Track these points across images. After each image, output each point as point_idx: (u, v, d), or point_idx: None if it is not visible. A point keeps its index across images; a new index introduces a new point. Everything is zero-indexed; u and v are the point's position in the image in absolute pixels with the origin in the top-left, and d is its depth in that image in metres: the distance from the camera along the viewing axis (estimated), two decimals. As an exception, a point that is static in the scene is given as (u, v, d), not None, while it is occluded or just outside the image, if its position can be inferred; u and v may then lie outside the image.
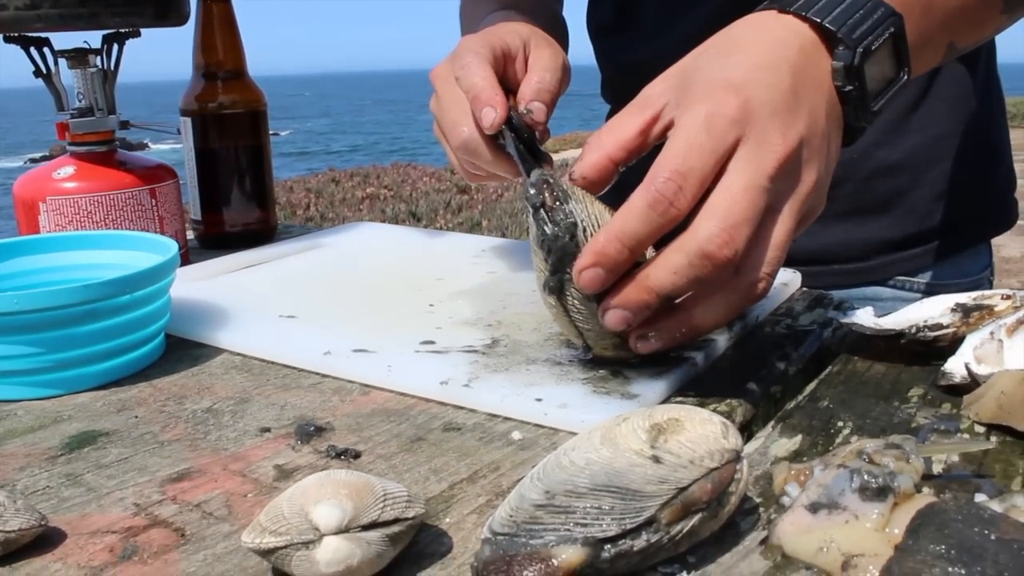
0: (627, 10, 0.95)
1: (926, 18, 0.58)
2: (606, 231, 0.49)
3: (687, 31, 0.56)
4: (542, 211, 0.52)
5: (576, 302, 0.52)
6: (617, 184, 0.55)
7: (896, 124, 0.85)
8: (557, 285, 0.52)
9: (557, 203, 0.52)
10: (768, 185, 0.48)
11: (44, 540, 0.41)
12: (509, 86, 0.67)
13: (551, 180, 0.53)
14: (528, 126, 0.64)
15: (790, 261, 0.56)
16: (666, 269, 0.48)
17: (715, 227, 0.47)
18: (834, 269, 0.88)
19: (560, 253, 0.51)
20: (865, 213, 0.87)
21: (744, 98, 0.49)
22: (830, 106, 0.53)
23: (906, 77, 0.56)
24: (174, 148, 1.10)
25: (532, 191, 0.52)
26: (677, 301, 0.52)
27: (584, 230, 0.51)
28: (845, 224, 0.87)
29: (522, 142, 0.63)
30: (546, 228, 0.51)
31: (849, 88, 0.53)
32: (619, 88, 1.00)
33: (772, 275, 0.51)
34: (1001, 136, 0.93)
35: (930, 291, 0.87)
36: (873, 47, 0.53)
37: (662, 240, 0.50)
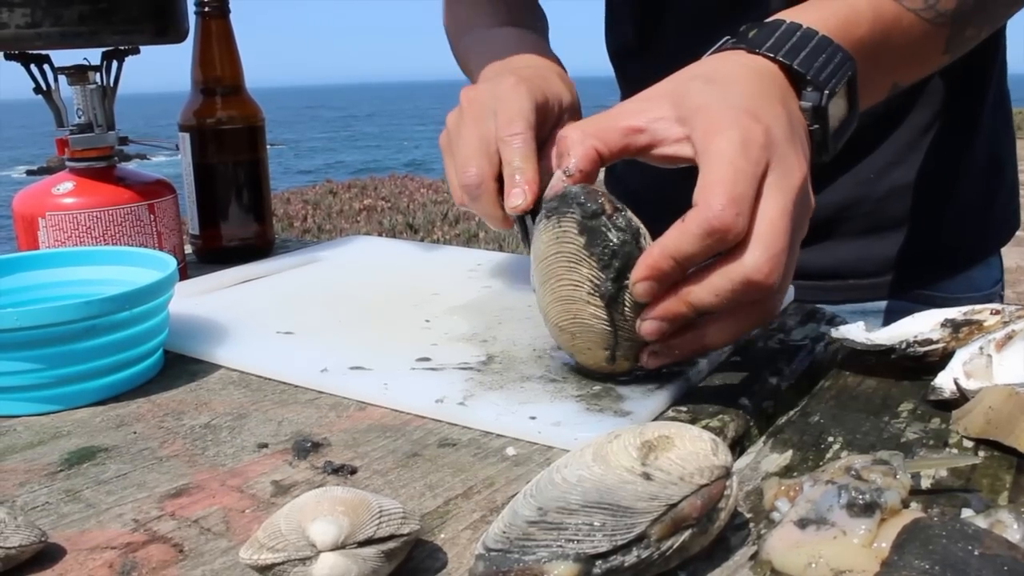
0: (647, 33, 0.95)
1: (875, 65, 0.61)
2: (661, 247, 0.50)
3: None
4: (603, 218, 0.53)
5: (627, 310, 0.53)
6: (623, 188, 0.57)
7: (911, 145, 0.87)
8: (614, 292, 0.53)
9: (617, 211, 0.53)
10: (794, 210, 0.50)
11: (44, 556, 0.41)
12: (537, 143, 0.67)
13: (598, 189, 0.54)
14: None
15: (808, 275, 0.59)
16: (709, 290, 0.50)
17: (761, 256, 0.49)
18: (850, 284, 0.90)
19: (626, 259, 0.52)
20: (881, 231, 0.89)
21: (765, 125, 0.51)
22: (806, 141, 0.55)
23: (855, 116, 0.59)
24: (170, 160, 1.11)
25: (585, 199, 0.53)
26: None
27: (644, 236, 0.53)
28: (862, 241, 0.89)
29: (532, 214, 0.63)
30: (611, 235, 0.52)
31: (815, 127, 0.56)
32: None
33: (784, 295, 0.53)
34: (1007, 152, 0.95)
35: (943, 306, 0.89)
36: (836, 89, 0.56)
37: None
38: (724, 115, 0.51)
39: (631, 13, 0.97)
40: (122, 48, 0.85)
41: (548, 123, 0.69)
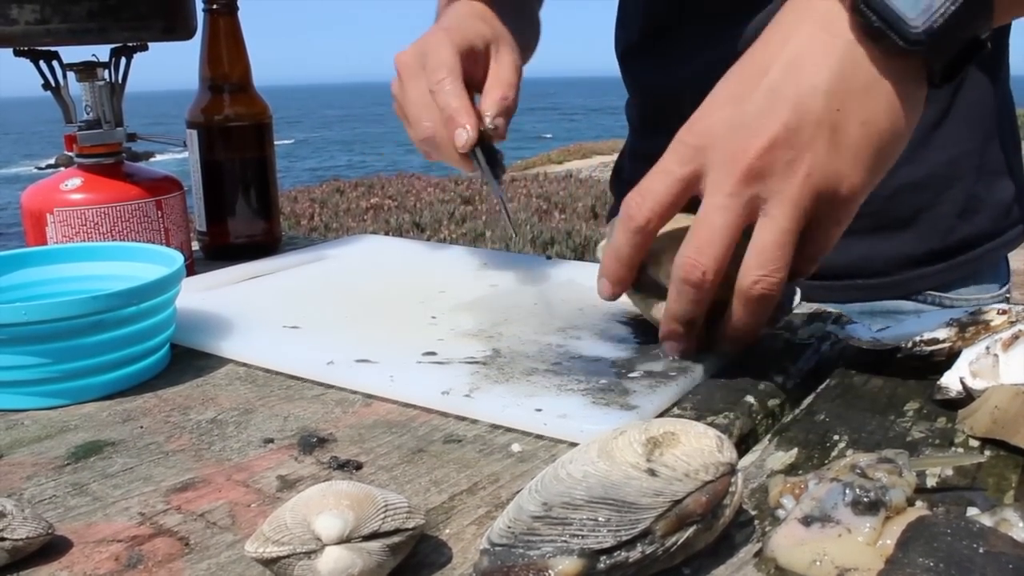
0: (655, 34, 0.95)
1: None
2: (664, 315, 0.58)
3: (715, 60, 0.58)
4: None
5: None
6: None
7: (920, 142, 0.87)
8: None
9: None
10: (728, 201, 0.52)
11: (51, 548, 0.42)
12: (472, 85, 0.73)
13: None
14: (490, 138, 0.71)
15: (815, 275, 0.59)
16: (670, 300, 0.56)
17: (683, 253, 0.54)
18: (857, 284, 0.90)
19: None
20: (888, 229, 0.89)
21: (698, 133, 0.54)
22: (845, 77, 0.51)
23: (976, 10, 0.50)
24: (176, 158, 1.11)
25: None
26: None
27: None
28: (870, 240, 0.88)
29: (484, 152, 0.70)
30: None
31: (873, 19, 0.50)
32: (649, 112, 1.02)
33: (768, 275, 0.53)
34: (1013, 152, 0.95)
35: (951, 307, 0.89)
36: None
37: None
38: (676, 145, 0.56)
39: (639, 14, 0.97)
40: (131, 45, 0.85)
41: (479, 60, 0.74)
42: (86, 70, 0.85)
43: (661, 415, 0.54)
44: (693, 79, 0.61)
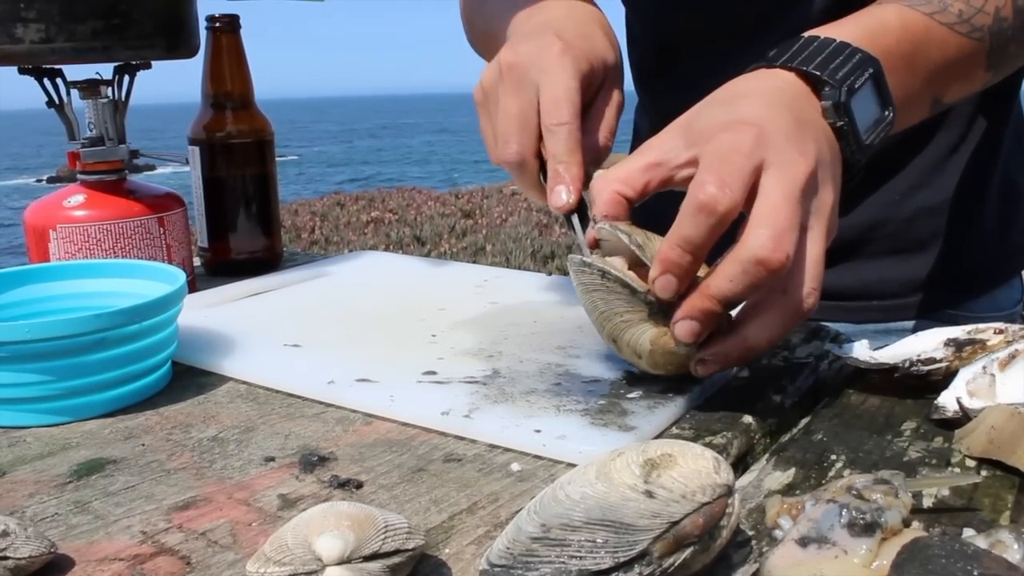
0: (668, 52, 0.96)
1: (910, 74, 0.62)
2: (666, 239, 0.53)
3: (732, 77, 0.59)
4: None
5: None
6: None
7: (935, 167, 0.88)
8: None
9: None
10: (801, 197, 0.52)
11: (53, 567, 0.42)
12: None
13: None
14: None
15: (832, 295, 0.60)
16: (723, 278, 0.52)
17: (764, 234, 0.50)
18: (873, 305, 0.90)
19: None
20: (904, 252, 0.89)
21: (759, 128, 0.53)
22: (828, 142, 0.56)
23: (891, 115, 0.60)
24: (176, 172, 1.12)
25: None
26: (735, 319, 0.56)
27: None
28: (886, 262, 0.89)
29: (578, 210, 0.64)
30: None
31: (841, 124, 0.57)
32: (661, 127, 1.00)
33: (817, 290, 0.54)
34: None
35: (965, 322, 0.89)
36: (856, 85, 0.57)
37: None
38: (713, 127, 0.54)
39: (650, 36, 0.98)
40: (134, 63, 0.86)
41: (593, 87, 0.67)
42: (90, 88, 0.86)
43: (659, 435, 0.54)
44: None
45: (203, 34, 0.92)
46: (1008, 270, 0.95)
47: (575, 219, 0.63)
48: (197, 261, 1.00)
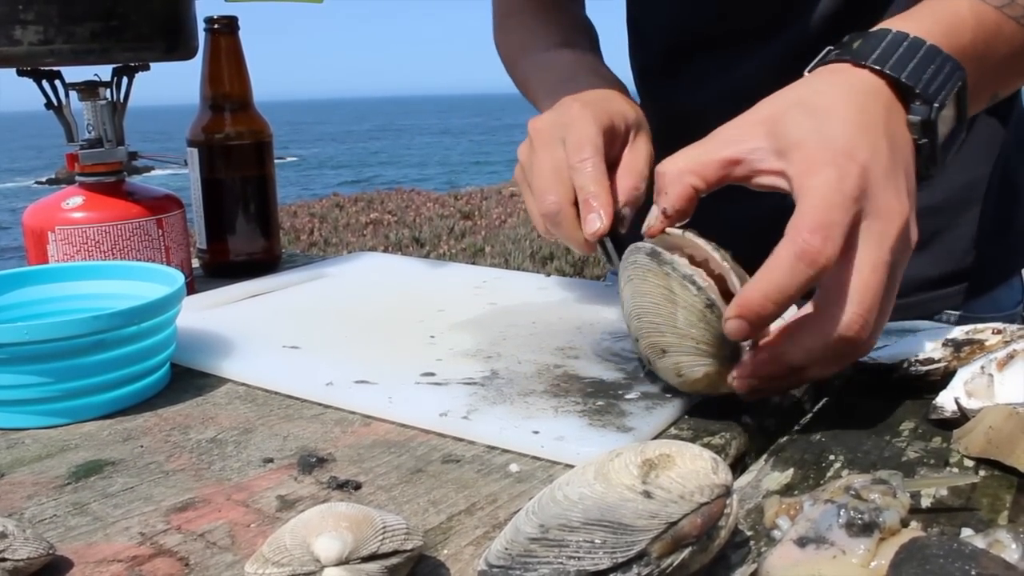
0: (674, 54, 0.95)
1: (980, 74, 0.59)
2: (754, 285, 0.50)
3: (741, 82, 0.58)
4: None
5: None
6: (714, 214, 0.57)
7: None
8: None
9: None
10: (890, 259, 0.51)
11: (51, 569, 0.42)
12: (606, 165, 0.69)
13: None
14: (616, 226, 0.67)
15: None
16: (802, 350, 0.52)
17: (855, 312, 0.50)
18: None
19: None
20: None
21: (862, 168, 0.51)
22: (912, 161, 0.54)
23: (965, 135, 0.58)
24: (175, 173, 1.12)
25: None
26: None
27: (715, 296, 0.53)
28: None
29: (612, 239, 0.66)
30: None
31: (924, 141, 0.55)
32: (665, 133, 1.00)
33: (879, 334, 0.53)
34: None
35: (965, 322, 0.89)
36: (946, 101, 0.55)
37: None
38: (821, 155, 0.51)
39: (660, 37, 0.98)
40: (132, 65, 0.86)
41: (616, 142, 0.71)
42: (88, 89, 0.86)
43: (658, 436, 0.54)
44: (719, 100, 0.61)
45: (202, 36, 0.92)
46: (1008, 270, 0.95)
47: (608, 243, 0.65)
48: (196, 263, 1.01)
